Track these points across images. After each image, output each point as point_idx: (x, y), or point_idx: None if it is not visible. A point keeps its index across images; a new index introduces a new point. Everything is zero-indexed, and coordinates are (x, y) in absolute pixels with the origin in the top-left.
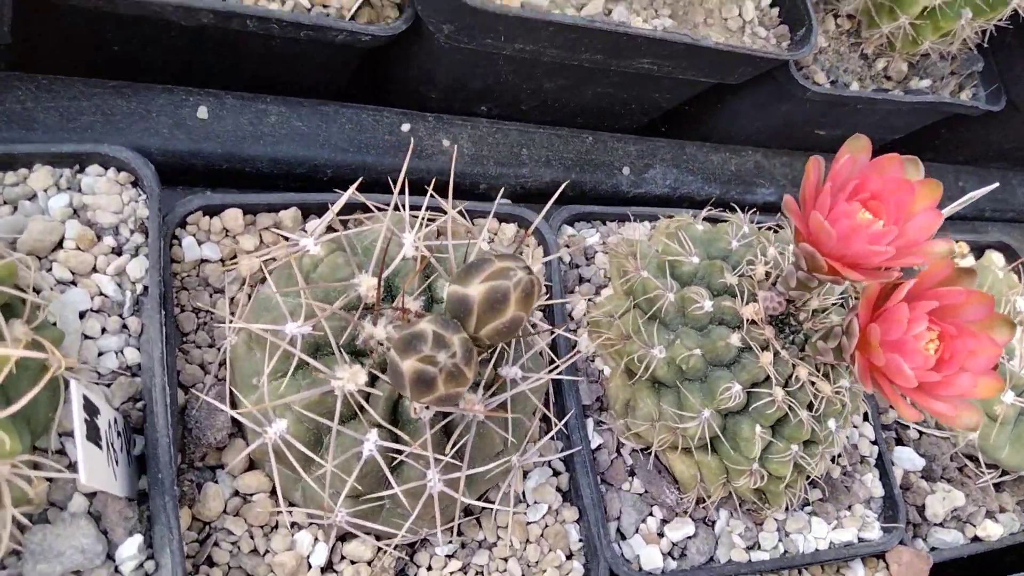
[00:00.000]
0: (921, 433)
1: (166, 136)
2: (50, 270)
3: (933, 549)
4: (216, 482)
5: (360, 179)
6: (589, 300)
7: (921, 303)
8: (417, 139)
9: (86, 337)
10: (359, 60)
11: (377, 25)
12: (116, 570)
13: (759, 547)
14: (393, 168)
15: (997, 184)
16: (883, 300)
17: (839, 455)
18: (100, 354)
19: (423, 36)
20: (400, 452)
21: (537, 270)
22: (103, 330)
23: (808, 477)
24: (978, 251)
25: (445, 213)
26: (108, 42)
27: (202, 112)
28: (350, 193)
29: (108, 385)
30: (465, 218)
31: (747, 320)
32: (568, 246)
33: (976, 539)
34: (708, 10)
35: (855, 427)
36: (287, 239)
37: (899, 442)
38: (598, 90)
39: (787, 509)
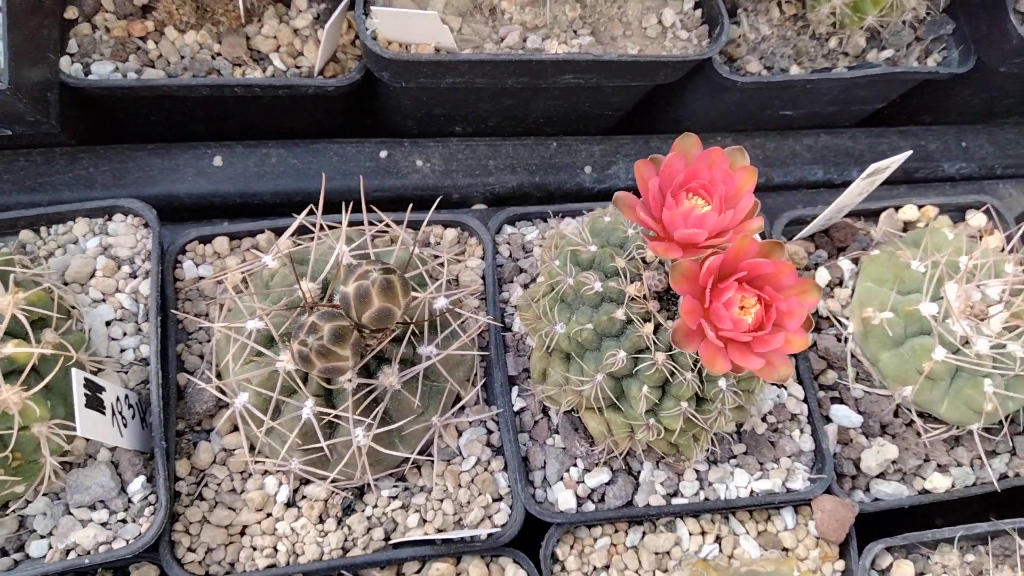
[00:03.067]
0: (866, 392)
1: (191, 183)
2: (87, 293)
3: (875, 500)
4: (208, 441)
5: (334, 201)
6: (524, 287)
7: (734, 275)
8: (394, 162)
9: (112, 339)
10: (343, 103)
11: (337, 78)
12: (129, 500)
13: (680, 494)
14: (373, 189)
15: (911, 152)
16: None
17: (768, 413)
18: (122, 351)
19: (377, 81)
20: (328, 415)
21: (475, 265)
22: (124, 333)
23: (720, 431)
24: (958, 212)
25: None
26: (144, 116)
27: (217, 161)
28: (301, 219)
29: (126, 372)
30: (392, 227)
31: (629, 297)
32: (508, 243)
33: (925, 491)
34: (627, 23)
35: (781, 386)
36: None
37: (839, 401)
38: (547, 103)
39: (715, 463)
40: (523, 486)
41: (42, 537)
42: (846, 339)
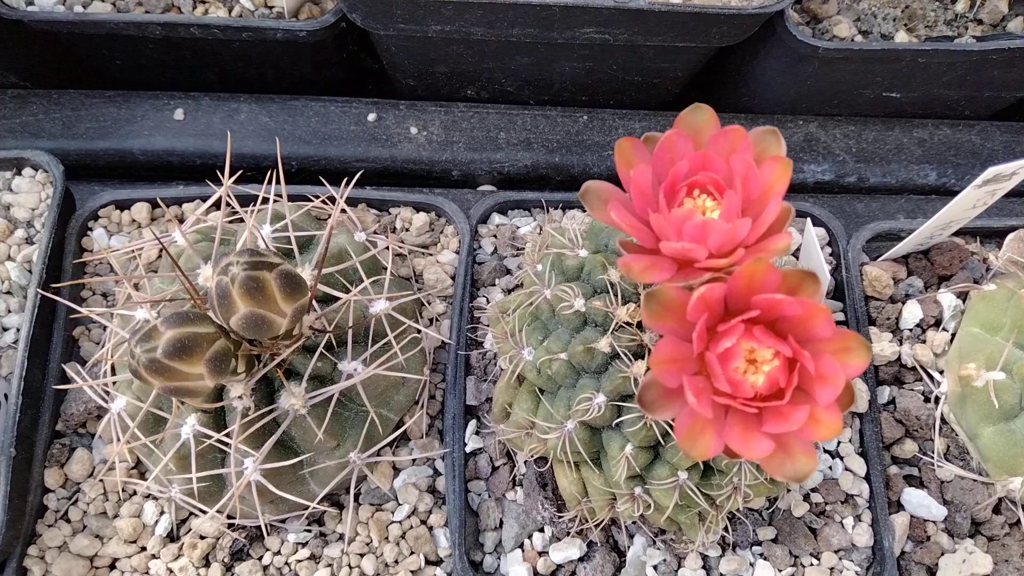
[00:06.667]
0: (959, 477)
1: (146, 137)
2: None
3: None
4: (89, 449)
5: (310, 170)
6: (508, 293)
7: (743, 314)
8: (384, 127)
9: None
10: (323, 54)
11: (307, 21)
12: None
13: None
14: (356, 157)
15: None
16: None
17: (812, 490)
18: (4, 330)
19: (358, 28)
20: (211, 438)
21: (448, 260)
22: (8, 310)
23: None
24: None
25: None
26: (101, 58)
27: (179, 114)
28: (223, 191)
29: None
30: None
31: (617, 323)
32: (495, 236)
33: None
34: None
35: (835, 455)
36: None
37: (918, 483)
38: (574, 66)
39: (732, 547)
40: (463, 550)
41: None
42: (936, 399)
